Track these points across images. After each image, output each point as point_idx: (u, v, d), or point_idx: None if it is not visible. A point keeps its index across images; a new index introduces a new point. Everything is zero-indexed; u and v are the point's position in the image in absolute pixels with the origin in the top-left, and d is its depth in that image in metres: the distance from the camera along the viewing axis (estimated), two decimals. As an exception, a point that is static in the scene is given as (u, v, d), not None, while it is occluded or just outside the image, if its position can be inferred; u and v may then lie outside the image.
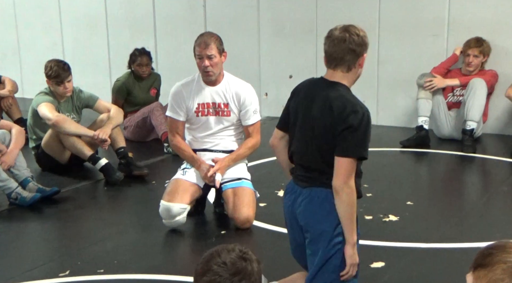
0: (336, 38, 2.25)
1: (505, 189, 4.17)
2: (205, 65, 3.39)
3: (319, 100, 2.25)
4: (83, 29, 7.31)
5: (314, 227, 2.25)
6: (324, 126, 2.21)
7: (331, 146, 2.20)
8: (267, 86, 6.47)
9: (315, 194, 2.25)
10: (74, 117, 4.61)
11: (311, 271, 2.30)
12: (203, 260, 1.51)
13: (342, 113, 2.17)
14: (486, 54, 5.18)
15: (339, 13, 5.94)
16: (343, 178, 2.16)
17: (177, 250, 3.39)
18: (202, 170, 3.47)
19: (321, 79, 2.34)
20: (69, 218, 3.80)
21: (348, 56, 2.26)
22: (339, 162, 2.16)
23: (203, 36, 3.45)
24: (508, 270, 1.27)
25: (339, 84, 2.28)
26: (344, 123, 2.16)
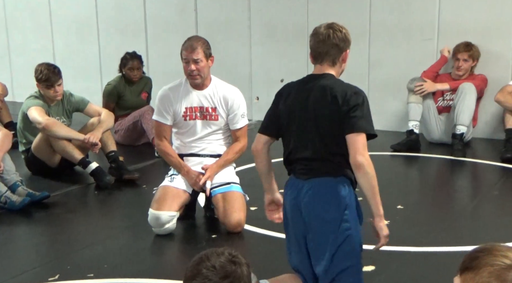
0: (321, 34, 2.41)
1: (495, 193, 4.19)
2: (191, 69, 3.38)
3: (317, 92, 2.35)
4: (74, 33, 7.29)
5: (321, 216, 2.29)
6: (329, 114, 2.31)
7: (336, 131, 2.30)
8: (258, 90, 6.48)
9: (319, 184, 2.31)
10: (65, 121, 4.60)
11: (323, 263, 2.32)
12: (192, 263, 1.51)
13: (345, 96, 2.31)
14: (476, 59, 5.22)
15: (330, 17, 5.91)
16: (362, 152, 2.25)
17: (167, 254, 3.37)
18: (190, 177, 3.46)
19: (310, 76, 2.45)
20: (59, 222, 3.78)
21: (332, 51, 2.41)
22: (353, 138, 2.26)
23: (190, 40, 3.45)
24: (494, 273, 1.27)
25: (330, 74, 2.42)
26: (349, 104, 2.29)
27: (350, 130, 2.27)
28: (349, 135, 2.28)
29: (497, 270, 1.27)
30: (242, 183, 3.67)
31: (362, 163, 2.25)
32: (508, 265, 1.27)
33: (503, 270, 1.27)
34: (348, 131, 2.28)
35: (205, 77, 3.46)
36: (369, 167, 2.26)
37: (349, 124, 2.28)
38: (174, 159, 3.51)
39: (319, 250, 2.33)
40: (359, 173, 2.27)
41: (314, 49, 2.43)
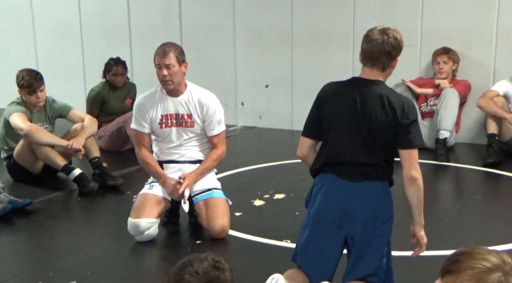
0: (375, 39, 2.47)
1: (477, 197, 4.23)
2: (163, 74, 3.37)
3: (372, 99, 2.43)
4: (57, 38, 7.24)
5: (377, 216, 2.46)
6: (386, 123, 2.41)
7: (390, 141, 2.43)
8: (243, 96, 6.48)
9: (375, 187, 2.46)
10: (47, 127, 4.56)
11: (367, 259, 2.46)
12: (175, 269, 1.50)
13: (403, 108, 2.41)
14: (455, 62, 5.29)
15: (315, 22, 5.99)
16: (416, 167, 2.44)
17: (151, 261, 3.36)
18: (167, 186, 3.44)
19: (360, 79, 2.51)
20: (42, 229, 3.74)
21: (383, 57, 2.46)
22: (409, 153, 2.43)
23: (163, 45, 3.43)
24: (475, 276, 1.28)
25: (382, 81, 2.50)
26: (408, 119, 2.41)
27: (407, 146, 2.43)
28: (405, 151, 2.43)
29: (477, 273, 1.28)
30: (226, 189, 3.66)
31: (416, 177, 2.44)
32: (488, 268, 1.28)
33: (483, 273, 1.27)
34: (405, 147, 2.43)
35: (178, 83, 3.43)
36: (421, 181, 2.46)
37: (407, 139, 2.42)
38: (152, 168, 3.49)
39: (367, 247, 2.47)
40: (412, 186, 2.46)
41: (365, 51, 2.50)
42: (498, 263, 1.29)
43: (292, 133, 6.23)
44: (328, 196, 2.49)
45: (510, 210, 4.04)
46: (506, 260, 1.30)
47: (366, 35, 2.51)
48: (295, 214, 3.83)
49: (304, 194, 4.20)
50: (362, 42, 2.52)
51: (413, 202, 2.49)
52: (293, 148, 5.92)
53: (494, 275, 1.27)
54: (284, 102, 6.29)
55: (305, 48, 6.08)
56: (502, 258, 1.30)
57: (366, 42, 2.50)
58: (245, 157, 5.32)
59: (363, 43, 2.51)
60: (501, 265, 1.29)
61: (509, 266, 1.29)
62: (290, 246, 3.29)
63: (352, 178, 2.45)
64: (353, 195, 2.44)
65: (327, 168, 2.52)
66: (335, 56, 5.92)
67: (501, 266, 1.28)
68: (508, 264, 1.29)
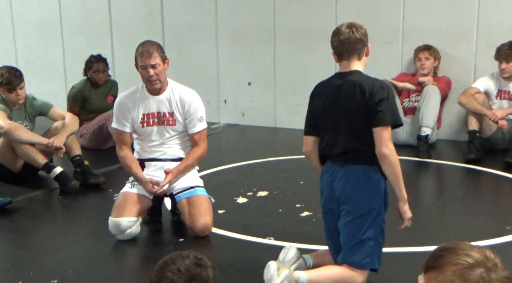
0: (345, 32, 2.63)
1: (458, 193, 4.26)
2: (150, 74, 3.34)
3: (347, 89, 2.59)
4: (37, 35, 7.16)
5: (355, 198, 2.60)
6: (357, 107, 2.56)
7: (365, 123, 2.56)
8: (226, 93, 6.47)
9: (353, 170, 2.60)
10: (27, 125, 4.50)
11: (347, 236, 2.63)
12: (157, 267, 1.49)
13: (372, 90, 2.54)
14: (437, 58, 5.33)
15: (297, 20, 6.00)
16: (387, 144, 2.54)
17: (133, 259, 3.33)
18: (145, 186, 3.41)
19: (338, 74, 2.69)
20: (22, 228, 3.69)
21: (358, 45, 2.64)
22: (379, 131, 2.53)
23: (144, 45, 3.38)
24: (457, 272, 1.28)
25: (358, 71, 2.65)
26: (376, 98, 2.53)
27: (376, 124, 2.53)
28: (375, 129, 2.54)
29: (460, 269, 1.28)
30: (209, 187, 3.65)
31: (386, 153, 2.53)
32: (471, 264, 1.28)
33: (465, 269, 1.28)
34: (375, 125, 2.54)
35: (164, 81, 3.42)
36: (392, 156, 2.54)
37: (376, 118, 2.53)
38: (133, 170, 3.44)
39: (347, 227, 2.62)
40: (384, 163, 2.56)
41: (339, 47, 2.64)
42: (481, 259, 1.29)
43: (275, 130, 6.24)
44: (322, 177, 2.73)
45: (491, 206, 4.09)
46: (488, 256, 1.31)
47: (335, 33, 2.67)
48: (278, 211, 3.83)
49: (288, 191, 4.23)
50: (332, 41, 2.68)
51: (390, 178, 2.60)
52: (276, 145, 5.98)
53: (477, 271, 1.27)
54: (267, 100, 6.29)
55: (288, 45, 6.08)
56: (484, 254, 1.31)
57: (337, 37, 2.65)
58: (228, 154, 5.31)
59: (334, 40, 2.66)
60: (484, 261, 1.29)
61: (492, 262, 1.29)
62: (273, 243, 3.30)
63: (336, 163, 2.65)
64: (336, 178, 2.64)
65: (324, 159, 2.73)
66: (317, 54, 5.92)
67: (483, 262, 1.28)
68: (491, 260, 1.30)
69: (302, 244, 3.26)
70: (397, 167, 2.57)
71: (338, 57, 2.68)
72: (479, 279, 1.26)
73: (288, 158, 5.12)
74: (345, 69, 2.67)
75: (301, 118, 6.20)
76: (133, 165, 3.45)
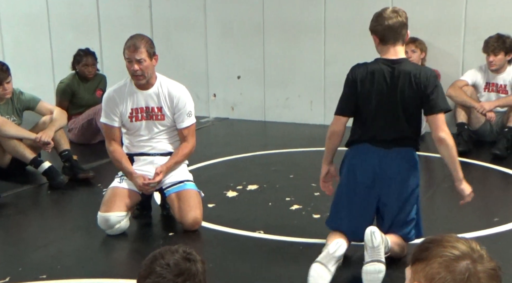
0: (391, 16, 2.77)
1: (446, 186, 4.29)
2: (134, 69, 3.31)
3: (401, 77, 2.74)
4: (24, 29, 7.10)
5: (408, 177, 2.80)
6: (413, 96, 2.73)
7: (418, 110, 2.77)
8: (215, 87, 6.45)
9: (404, 153, 2.82)
10: (15, 120, 4.47)
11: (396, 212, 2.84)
12: (146, 262, 1.48)
13: (426, 79, 2.72)
14: (423, 51, 5.35)
15: (286, 13, 5.99)
16: (444, 128, 2.74)
17: (123, 254, 3.32)
18: (136, 181, 3.39)
19: (385, 60, 2.79)
20: (10, 223, 3.67)
21: (403, 30, 2.79)
22: (436, 117, 2.73)
23: (132, 38, 3.35)
24: (444, 264, 1.29)
25: (406, 59, 2.83)
26: (430, 87, 2.72)
27: (432, 111, 2.73)
28: (431, 116, 2.74)
29: (446, 261, 1.29)
30: (198, 181, 3.65)
31: (444, 137, 2.73)
32: (457, 256, 1.29)
33: (452, 261, 1.28)
34: (430, 112, 2.74)
35: (150, 76, 3.38)
36: (450, 139, 2.74)
37: (430, 106, 2.73)
38: (123, 165, 3.43)
39: (400, 203, 2.81)
40: (442, 146, 2.76)
41: (385, 31, 2.76)
42: (467, 250, 1.30)
43: (264, 124, 6.23)
44: (363, 161, 2.83)
45: (479, 198, 4.09)
46: (474, 247, 1.31)
47: (380, 17, 2.80)
48: (268, 205, 3.83)
49: (277, 185, 4.23)
50: (375, 26, 2.80)
51: (446, 160, 2.81)
52: (265, 139, 5.97)
53: (463, 263, 1.28)
54: (256, 94, 6.28)
55: (277, 39, 6.07)
56: (471, 245, 1.31)
57: (383, 21, 2.77)
58: (217, 148, 5.30)
59: (379, 25, 2.78)
60: (470, 252, 1.30)
61: (478, 253, 1.30)
62: (263, 237, 3.30)
63: (385, 146, 2.80)
64: (385, 159, 2.80)
65: (362, 140, 2.85)
66: (306, 47, 5.92)
67: (469, 253, 1.29)
68: (477, 251, 1.30)
69: (291, 238, 3.28)
70: (454, 149, 2.77)
71: (381, 41, 2.80)
72: (465, 270, 1.27)
73: (277, 151, 5.12)
74: (391, 56, 2.78)
75: (291, 112, 6.27)
76: (123, 160, 3.44)
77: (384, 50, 2.81)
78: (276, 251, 3.15)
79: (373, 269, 2.64)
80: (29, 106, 4.56)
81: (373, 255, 2.64)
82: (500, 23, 5.17)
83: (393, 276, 2.74)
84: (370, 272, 2.64)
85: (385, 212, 2.87)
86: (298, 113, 6.04)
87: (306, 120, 6.00)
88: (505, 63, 4.98)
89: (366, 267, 2.66)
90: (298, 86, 6.03)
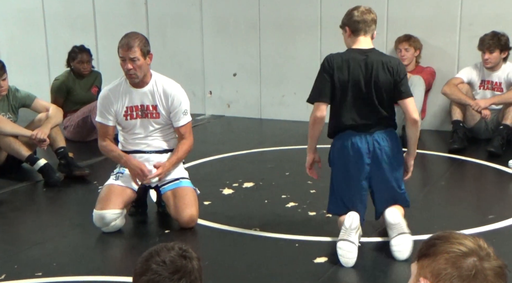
0: (364, 11, 3.05)
1: (442, 183, 4.30)
2: (128, 68, 3.30)
3: (375, 65, 2.98)
4: (19, 26, 7.07)
5: (396, 155, 3.09)
6: (387, 82, 2.99)
7: (390, 97, 3.03)
8: (211, 85, 6.45)
9: (388, 134, 3.07)
10: (10, 117, 4.46)
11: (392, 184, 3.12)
12: (142, 259, 1.48)
13: (397, 67, 3.01)
14: (417, 48, 5.35)
15: (282, 10, 5.98)
16: (415, 110, 3.04)
17: (119, 251, 3.33)
18: (130, 166, 3.37)
19: (358, 50, 3.03)
20: (6, 221, 3.67)
21: (373, 26, 3.07)
22: (408, 102, 3.01)
23: (127, 37, 3.33)
24: (450, 260, 1.29)
25: (376, 49, 3.07)
26: (401, 74, 3.01)
27: (404, 96, 3.01)
28: (404, 100, 3.01)
29: (453, 257, 1.29)
30: (194, 178, 3.64)
31: (417, 119, 3.04)
32: (464, 253, 1.29)
33: (459, 257, 1.28)
34: (404, 97, 3.01)
35: (144, 75, 3.37)
36: (420, 121, 3.09)
37: (402, 90, 3.01)
38: (114, 153, 3.45)
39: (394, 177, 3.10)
40: (415, 127, 3.06)
41: (357, 23, 3.02)
42: (474, 248, 1.30)
43: (260, 121, 6.23)
44: (352, 144, 3.03)
45: (474, 195, 4.13)
46: (482, 245, 1.32)
47: (354, 11, 3.06)
48: (264, 202, 3.84)
49: (273, 182, 4.23)
50: (348, 18, 3.05)
51: (412, 138, 3.11)
52: (261, 137, 5.97)
53: (470, 260, 1.28)
54: (252, 91, 6.28)
55: (273, 36, 6.07)
56: (478, 243, 1.32)
57: (354, 15, 3.03)
58: (213, 145, 5.30)
59: (351, 18, 3.04)
60: (477, 250, 1.30)
61: (485, 251, 1.30)
62: (259, 234, 3.31)
63: (367, 131, 3.03)
64: (376, 142, 3.03)
65: (344, 128, 3.04)
66: (302, 44, 5.92)
67: (476, 251, 1.29)
68: (484, 249, 1.31)
69: (287, 235, 3.28)
70: (419, 130, 3.13)
71: (353, 32, 3.04)
72: (472, 267, 1.27)
73: (273, 149, 5.13)
74: (363, 46, 3.02)
75: (287, 109, 6.27)
76: (115, 148, 3.45)
77: (356, 41, 3.04)
78: (272, 248, 3.16)
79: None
80: (25, 104, 4.55)
81: None
82: (495, 21, 5.17)
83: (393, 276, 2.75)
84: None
85: (382, 188, 3.11)
86: (294, 111, 6.05)
87: (302, 117, 5.98)
88: (500, 61, 4.99)
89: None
90: (294, 84, 6.03)
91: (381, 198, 3.14)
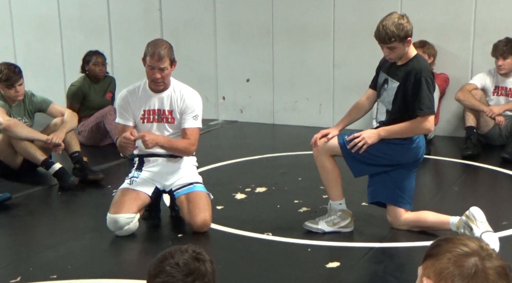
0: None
1: (456, 189, 4.29)
2: (156, 77, 3.34)
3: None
4: (36, 32, 7.16)
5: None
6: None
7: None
8: (224, 90, 6.48)
9: None
10: (26, 122, 4.51)
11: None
12: (155, 261, 1.50)
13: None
14: (432, 55, 5.31)
15: (295, 16, 6.00)
16: None
17: (132, 254, 3.35)
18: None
19: None
20: (21, 224, 3.71)
21: None
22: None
23: (156, 46, 3.35)
24: (452, 259, 1.32)
25: None
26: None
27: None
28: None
29: (455, 256, 1.32)
30: (207, 183, 3.67)
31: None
32: (466, 252, 1.32)
33: (461, 256, 1.32)
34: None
35: (168, 82, 3.44)
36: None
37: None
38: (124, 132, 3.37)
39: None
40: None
41: None
42: (476, 248, 1.33)
43: (273, 127, 6.25)
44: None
45: (487, 201, 4.10)
46: (484, 246, 1.35)
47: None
48: (276, 207, 3.85)
49: (286, 187, 4.24)
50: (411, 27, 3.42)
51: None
52: (274, 142, 5.98)
53: (471, 259, 1.31)
54: (265, 96, 6.30)
55: (286, 42, 6.09)
56: (480, 244, 1.35)
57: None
58: (226, 151, 5.32)
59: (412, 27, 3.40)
60: (479, 250, 1.33)
61: (486, 252, 1.33)
62: (271, 239, 3.32)
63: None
64: None
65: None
66: (315, 50, 5.93)
67: (478, 251, 1.33)
68: (486, 250, 1.34)
69: (300, 240, 3.29)
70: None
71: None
72: (474, 266, 1.30)
73: (286, 154, 5.14)
74: None
75: (299, 115, 6.29)
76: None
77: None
78: (284, 253, 3.17)
79: None
80: (41, 108, 4.61)
81: None
82: (509, 27, 5.16)
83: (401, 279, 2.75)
84: None
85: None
86: (307, 116, 6.06)
87: (315, 123, 6.00)
88: (514, 67, 4.97)
89: None
90: (307, 89, 6.05)
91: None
